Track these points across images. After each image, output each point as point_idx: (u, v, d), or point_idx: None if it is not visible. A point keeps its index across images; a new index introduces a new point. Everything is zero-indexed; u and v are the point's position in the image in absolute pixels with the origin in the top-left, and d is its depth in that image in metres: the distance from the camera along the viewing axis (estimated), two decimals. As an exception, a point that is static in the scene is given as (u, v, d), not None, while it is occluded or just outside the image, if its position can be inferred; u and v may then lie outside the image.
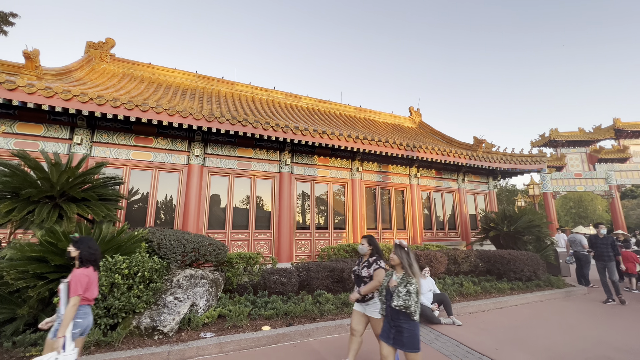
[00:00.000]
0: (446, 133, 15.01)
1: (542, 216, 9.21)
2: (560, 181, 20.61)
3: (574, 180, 20.52)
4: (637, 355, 4.03)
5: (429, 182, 11.66)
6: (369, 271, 3.53)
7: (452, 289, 6.66)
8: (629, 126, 20.11)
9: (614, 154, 20.01)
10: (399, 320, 2.74)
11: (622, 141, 20.61)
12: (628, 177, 20.19)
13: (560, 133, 20.58)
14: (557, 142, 20.76)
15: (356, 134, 9.17)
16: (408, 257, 2.87)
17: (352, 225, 9.77)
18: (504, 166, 11.63)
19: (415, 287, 2.75)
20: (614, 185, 19.94)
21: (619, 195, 20.01)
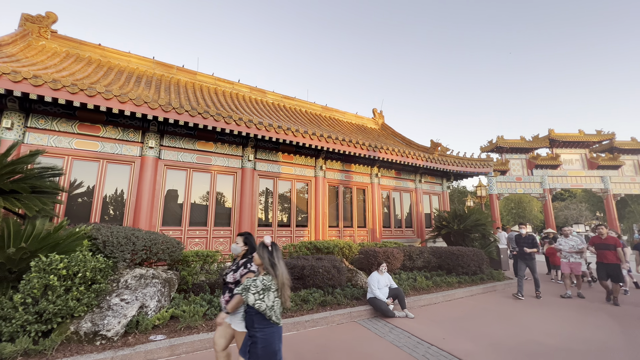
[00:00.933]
0: (406, 135, 15.68)
1: (487, 215, 10.03)
2: (504, 184, 22.60)
3: (515, 184, 22.63)
4: (557, 337, 4.56)
5: (389, 181, 12.10)
6: (234, 276, 2.91)
7: (406, 284, 6.99)
8: (561, 137, 22.64)
9: (548, 161, 22.40)
10: (254, 329, 2.34)
11: (555, 150, 23.14)
12: (558, 182, 22.75)
13: (505, 140, 22.55)
14: (502, 148, 22.71)
15: (321, 132, 9.20)
16: (271, 256, 2.45)
17: (314, 223, 9.82)
18: (457, 169, 12.45)
19: (271, 286, 2.36)
20: (547, 189, 22.34)
21: (550, 198, 22.47)
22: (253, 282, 2.39)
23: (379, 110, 17.73)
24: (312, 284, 6.26)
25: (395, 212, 12.15)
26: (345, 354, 4.01)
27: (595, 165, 22.71)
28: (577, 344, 4.34)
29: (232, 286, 2.91)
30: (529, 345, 4.31)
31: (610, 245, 6.90)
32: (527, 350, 4.15)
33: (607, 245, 6.92)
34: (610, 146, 23.24)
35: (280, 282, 2.40)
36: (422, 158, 11.39)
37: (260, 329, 2.32)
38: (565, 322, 5.36)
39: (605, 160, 22.65)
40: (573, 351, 4.11)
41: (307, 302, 5.60)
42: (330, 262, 6.54)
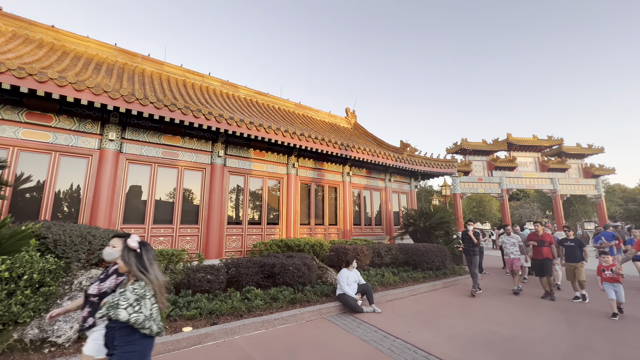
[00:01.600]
0: (377, 136, 16.02)
1: (451, 214, 10.53)
2: (466, 184, 23.89)
3: (476, 184, 24.00)
4: (510, 326, 4.91)
5: (360, 180, 12.30)
6: (99, 287, 2.33)
7: (374, 280, 7.15)
8: (517, 141, 24.33)
9: (506, 163, 23.99)
10: (125, 345, 1.83)
11: (512, 153, 24.83)
12: (515, 183, 24.46)
13: (468, 143, 23.82)
14: (466, 151, 23.97)
15: (294, 129, 9.13)
16: (140, 260, 2.00)
17: (286, 221, 9.74)
18: (424, 169, 12.94)
19: (146, 294, 1.91)
20: (504, 189, 23.93)
21: (507, 198, 24.11)
22: (121, 295, 1.88)
23: (352, 110, 17.95)
24: (282, 282, 6.20)
25: (365, 210, 12.38)
26: (314, 351, 4.03)
27: (546, 168, 24.71)
28: (526, 332, 4.70)
29: (95, 299, 2.31)
30: (485, 334, 4.60)
31: (545, 242, 7.17)
32: (483, 338, 4.42)
33: (543, 242, 7.20)
34: (559, 151, 25.37)
35: (156, 286, 1.98)
36: (392, 158, 11.71)
37: (128, 343, 1.84)
38: (516, 313, 5.78)
39: (555, 163, 24.72)
40: (523, 338, 4.44)
41: (277, 300, 5.55)
42: (301, 260, 6.52)
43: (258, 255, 7.55)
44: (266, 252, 7.83)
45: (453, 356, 3.87)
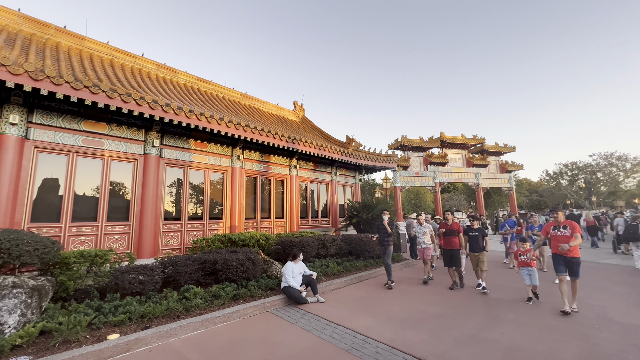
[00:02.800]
0: (325, 130, 16.26)
1: (391, 205, 11.22)
2: (405, 178, 25.70)
3: (414, 178, 25.98)
4: (437, 306, 5.45)
5: (307, 173, 12.37)
6: None
7: (319, 270, 7.30)
8: (448, 139, 26.88)
9: (439, 159, 26.37)
10: None
11: (444, 150, 27.36)
12: (446, 177, 27.06)
13: (408, 140, 25.57)
14: (405, 147, 25.72)
15: (239, 120, 8.75)
16: None
17: (230, 215, 9.36)
18: (368, 163, 13.53)
19: None
20: (437, 182, 26.33)
21: (439, 190, 26.61)
22: None
23: (300, 103, 17.87)
24: (225, 278, 5.99)
25: (312, 203, 12.49)
26: (256, 345, 3.96)
27: (471, 164, 27.82)
28: (449, 310, 5.27)
29: None
30: (417, 314, 5.03)
31: (455, 231, 6.89)
32: (416, 318, 4.84)
33: (452, 232, 6.91)
34: (481, 149, 28.73)
35: None
36: (338, 152, 11.98)
37: None
38: (440, 296, 6.44)
39: (478, 160, 27.97)
40: (447, 315, 4.97)
41: (219, 298, 5.33)
42: (245, 255, 6.35)
43: (199, 252, 7.13)
44: (208, 249, 7.45)
45: (388, 336, 4.15)
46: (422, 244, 7.70)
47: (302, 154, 11.40)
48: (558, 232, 5.21)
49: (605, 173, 43.37)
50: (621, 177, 42.79)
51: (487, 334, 4.22)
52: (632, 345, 3.80)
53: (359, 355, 3.65)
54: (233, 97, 14.07)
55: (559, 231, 5.21)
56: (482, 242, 6.76)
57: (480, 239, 6.78)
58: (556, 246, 5.15)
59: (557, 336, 4.10)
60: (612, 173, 42.76)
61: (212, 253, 6.38)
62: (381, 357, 3.60)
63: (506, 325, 4.50)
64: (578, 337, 4.06)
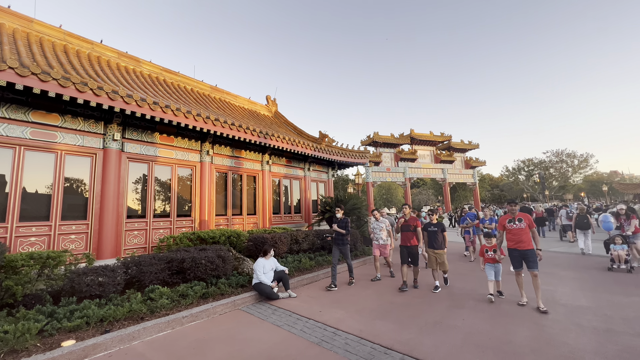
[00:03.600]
0: (298, 125, 16.17)
1: (362, 200, 11.44)
2: (377, 173, 26.31)
3: (385, 173, 26.68)
4: (404, 296, 5.67)
5: (280, 169, 12.27)
6: None
7: (292, 266, 7.30)
8: (418, 136, 27.83)
9: (409, 155, 27.25)
10: None
11: (414, 146, 28.31)
12: (415, 172, 28.06)
13: (379, 136, 26.14)
14: (377, 143, 26.29)
15: (208, 113, 8.45)
16: None
17: (199, 212, 9.07)
18: (341, 159, 13.66)
19: None
20: (407, 178, 27.23)
21: (409, 185, 27.55)
22: None
23: (273, 98, 17.62)
24: (193, 277, 5.81)
25: (285, 198, 12.45)
26: (225, 344, 3.89)
27: (439, 160, 29.07)
28: (415, 299, 5.50)
29: None
30: (385, 305, 5.20)
31: (411, 226, 6.33)
32: (384, 309, 5.00)
33: (408, 227, 6.33)
34: (448, 145, 30.08)
35: None
36: (311, 148, 11.98)
37: None
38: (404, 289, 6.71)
39: (445, 156, 29.28)
40: (413, 304, 5.19)
41: (186, 297, 5.16)
42: (214, 252, 6.20)
43: (166, 251, 6.84)
44: (176, 247, 7.18)
45: (357, 328, 4.26)
46: (379, 240, 7.16)
47: (274, 149, 11.28)
48: (514, 225, 5.13)
49: (557, 169, 47.26)
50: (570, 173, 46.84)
51: (450, 321, 4.46)
52: (575, 324, 4.20)
53: (328, 348, 3.71)
54: (202, 90, 13.55)
55: (514, 224, 5.13)
56: (441, 237, 6.15)
57: (439, 234, 6.17)
58: (512, 239, 5.08)
59: (511, 319, 4.44)
60: (562, 169, 46.68)
61: (179, 251, 6.16)
62: (350, 348, 3.68)
63: (467, 312, 4.78)
64: (529, 320, 4.41)
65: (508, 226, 5.21)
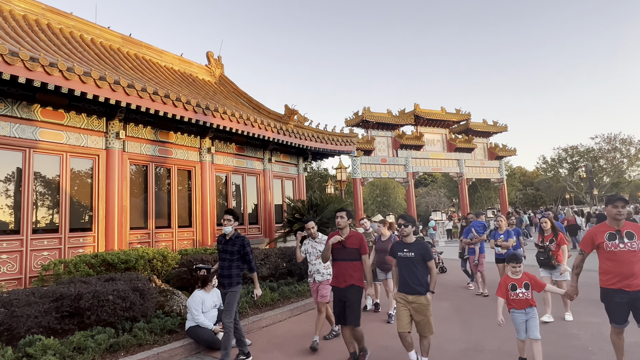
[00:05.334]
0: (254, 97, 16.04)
1: (347, 204, 11.59)
2: (368, 166, 26.74)
3: (380, 166, 27.18)
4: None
5: (228, 160, 12.14)
6: None
7: (244, 300, 7.28)
8: (425, 113, 28.56)
9: (412, 140, 27.93)
10: None
11: (419, 128, 29.05)
12: (421, 165, 28.84)
13: (372, 113, 26.55)
14: (368, 123, 26.66)
15: (116, 77, 8.15)
16: None
17: (105, 225, 8.79)
18: (316, 145, 13.73)
19: None
20: (410, 172, 27.93)
21: (413, 183, 28.27)
22: None
23: (217, 56, 17.37)
24: (96, 321, 5.67)
25: (235, 203, 12.39)
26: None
27: (453, 147, 30.05)
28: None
29: None
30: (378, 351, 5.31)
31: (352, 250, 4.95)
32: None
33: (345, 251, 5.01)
34: (466, 127, 31.16)
35: None
36: (274, 128, 11.94)
37: None
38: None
39: (462, 142, 30.32)
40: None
41: (85, 351, 4.99)
42: (128, 284, 6.07)
43: (53, 283, 6.58)
44: (68, 277, 6.93)
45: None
46: (316, 274, 6.01)
47: (219, 131, 11.13)
48: (622, 244, 3.99)
49: (609, 160, 50.44)
50: (625, 165, 50.16)
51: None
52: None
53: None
54: (109, 42, 13.08)
55: (622, 243, 3.99)
56: (422, 271, 4.61)
57: (418, 265, 4.61)
58: (614, 271, 4.03)
59: None
60: (615, 160, 49.87)
61: (74, 283, 5.97)
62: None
63: None
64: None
65: (608, 245, 4.05)
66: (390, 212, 43.30)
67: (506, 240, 8.15)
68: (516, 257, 4.72)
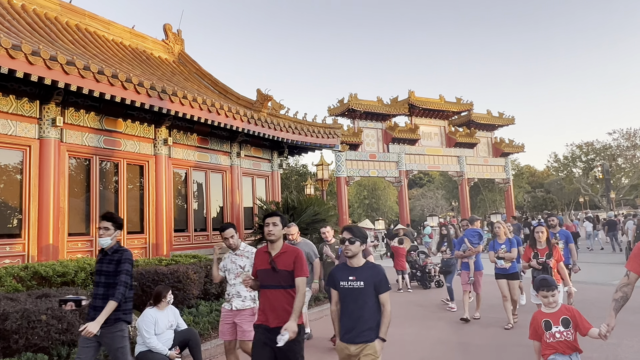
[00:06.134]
0: (221, 80, 15.95)
1: (328, 208, 11.67)
2: (355, 163, 26.91)
3: (368, 163, 27.40)
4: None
5: (188, 154, 12.08)
6: None
7: (207, 320, 7.30)
8: (421, 102, 28.96)
9: (406, 133, 28.27)
10: None
11: (414, 119, 29.44)
12: (416, 162, 29.23)
13: (359, 101, 26.77)
14: (355, 112, 26.85)
15: (52, 52, 7.99)
16: None
17: (37, 229, 8.70)
18: (294, 137, 13.75)
19: None
20: (403, 171, 28.28)
21: (406, 183, 28.63)
22: None
23: (176, 30, 17.24)
24: (25, 346, 5.58)
25: (197, 205, 12.35)
26: None
27: (453, 142, 30.55)
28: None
29: None
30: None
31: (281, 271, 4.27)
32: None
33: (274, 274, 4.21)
34: (467, 119, 31.74)
35: None
36: (244, 117, 11.92)
37: None
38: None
39: (463, 136, 30.86)
40: None
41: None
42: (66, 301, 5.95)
43: (-29, 301, 6.43)
44: (-9, 293, 6.79)
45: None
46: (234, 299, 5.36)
47: (178, 119, 11.08)
48: None
49: (628, 159, 52.21)
50: (646, 165, 51.94)
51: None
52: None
53: None
54: (43, 10, 12.87)
55: None
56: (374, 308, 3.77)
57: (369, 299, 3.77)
58: None
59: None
60: (635, 159, 51.65)
61: (-2, 301, 5.82)
62: None
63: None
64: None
65: None
66: (380, 217, 43.70)
67: (509, 250, 7.90)
68: (547, 283, 4.12)
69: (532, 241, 6.73)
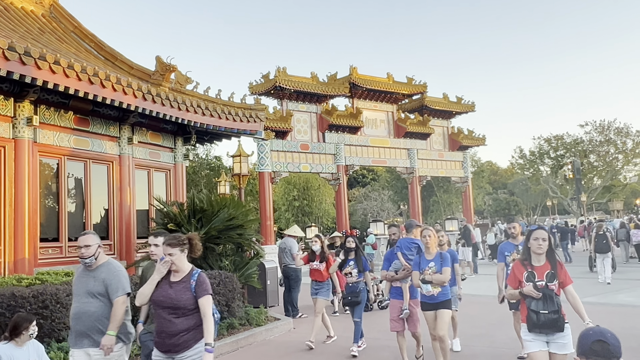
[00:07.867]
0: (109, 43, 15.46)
1: (247, 211, 11.57)
2: (283, 155, 26.87)
3: (299, 155, 27.48)
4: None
5: (62, 138, 11.61)
6: None
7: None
8: (365, 80, 29.50)
9: (346, 119, 28.67)
10: None
11: (356, 102, 29.93)
12: (358, 155, 29.71)
13: (289, 77, 26.77)
14: (283, 91, 26.82)
15: None
16: None
17: None
18: (205, 120, 13.53)
19: None
20: (342, 166, 28.64)
21: (346, 181, 29.07)
22: None
23: (47, -26, 16.43)
24: None
25: (74, 206, 12.05)
26: None
27: (403, 132, 31.42)
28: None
29: None
30: None
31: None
32: None
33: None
34: (420, 104, 32.77)
35: None
36: (139, 92, 11.58)
37: None
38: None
39: (414, 124, 31.82)
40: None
41: None
42: None
43: None
44: None
45: None
46: None
47: (48, 91, 10.64)
48: None
49: (601, 155, 56.35)
50: (620, 163, 56.36)
51: None
52: None
53: None
54: None
55: None
56: None
57: None
58: None
59: None
60: (608, 155, 55.84)
61: None
62: None
63: None
64: None
65: None
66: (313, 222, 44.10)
67: (439, 270, 6.69)
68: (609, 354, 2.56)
69: (525, 254, 5.14)
